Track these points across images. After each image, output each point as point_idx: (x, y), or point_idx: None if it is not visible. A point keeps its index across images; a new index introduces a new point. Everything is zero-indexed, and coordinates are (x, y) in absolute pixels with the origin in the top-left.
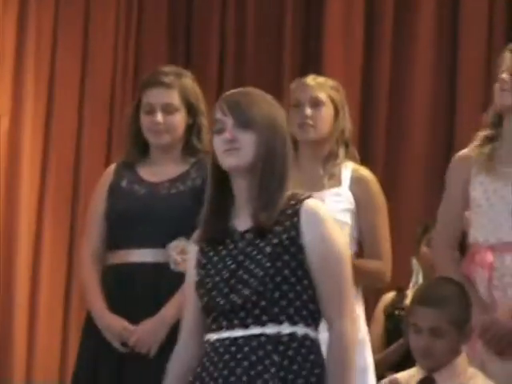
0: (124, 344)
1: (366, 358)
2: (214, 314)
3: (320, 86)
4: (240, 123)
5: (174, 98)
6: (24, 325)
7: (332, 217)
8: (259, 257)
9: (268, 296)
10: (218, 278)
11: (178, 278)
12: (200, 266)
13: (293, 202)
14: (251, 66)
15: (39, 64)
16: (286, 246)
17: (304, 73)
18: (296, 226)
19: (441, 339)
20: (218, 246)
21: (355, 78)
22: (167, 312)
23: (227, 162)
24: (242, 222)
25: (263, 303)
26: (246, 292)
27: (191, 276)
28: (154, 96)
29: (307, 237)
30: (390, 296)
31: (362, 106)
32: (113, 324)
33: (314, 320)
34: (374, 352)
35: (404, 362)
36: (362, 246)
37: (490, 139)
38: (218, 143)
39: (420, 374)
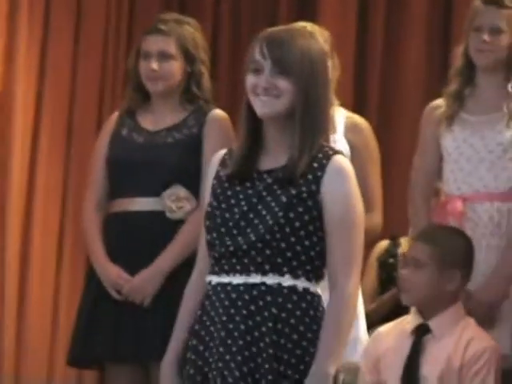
0: (120, 292)
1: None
2: (217, 254)
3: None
4: (278, 69)
5: (170, 46)
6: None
7: (355, 178)
8: (273, 204)
9: (274, 245)
10: (228, 215)
11: (174, 226)
12: (213, 195)
13: (320, 156)
14: (246, 17)
15: (32, 21)
16: (303, 198)
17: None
18: (318, 181)
19: (419, 273)
20: (234, 180)
21: (350, 29)
22: (162, 262)
23: (261, 110)
24: (267, 162)
25: (268, 252)
26: (253, 238)
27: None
28: (150, 43)
29: (327, 194)
30: (383, 244)
31: (356, 57)
32: (109, 272)
33: (316, 276)
34: (367, 300)
35: (396, 311)
36: None
37: (457, 96)
38: (253, 85)
39: (415, 321)
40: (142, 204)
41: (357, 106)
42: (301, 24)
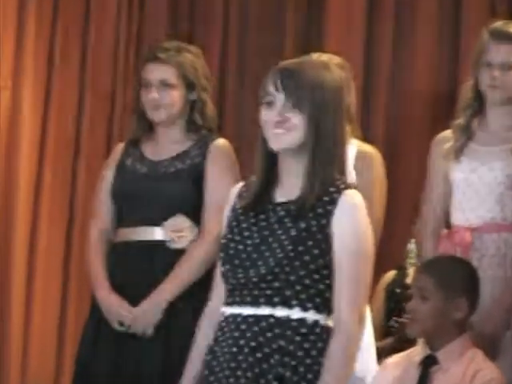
0: (122, 323)
1: (365, 336)
2: (230, 285)
3: None
4: (291, 102)
5: (170, 74)
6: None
7: (366, 210)
8: (283, 237)
9: (283, 278)
10: (241, 247)
11: (176, 256)
12: (229, 227)
13: (332, 190)
14: (253, 36)
15: (39, 38)
16: (313, 232)
17: (306, 42)
18: (328, 215)
19: (426, 303)
20: (249, 212)
21: (356, 54)
22: (163, 292)
23: (273, 143)
24: (281, 194)
25: (277, 284)
26: (263, 270)
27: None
28: (150, 71)
29: (338, 228)
30: (391, 274)
31: (362, 82)
32: (111, 303)
33: (326, 307)
34: (373, 330)
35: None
36: None
37: (466, 129)
38: (266, 120)
39: (423, 352)
40: (143, 234)
41: (362, 134)
42: (316, 55)
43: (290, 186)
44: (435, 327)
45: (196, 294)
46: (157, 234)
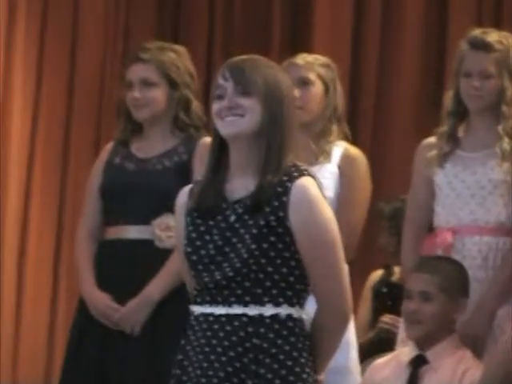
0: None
1: (348, 335)
2: (198, 287)
3: (309, 64)
4: (241, 89)
5: (151, 72)
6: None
7: (322, 196)
8: (246, 236)
9: (252, 277)
10: (203, 252)
11: (163, 255)
12: (187, 233)
13: (285, 178)
14: (240, 38)
15: (28, 45)
16: (272, 226)
17: (293, 39)
18: (284, 207)
19: (430, 304)
20: (206, 215)
21: (343, 54)
22: (151, 291)
23: (226, 130)
24: (236, 191)
25: (247, 284)
26: (230, 273)
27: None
28: (132, 72)
29: (296, 220)
30: (377, 274)
31: (350, 73)
32: (98, 301)
33: (299, 299)
34: (359, 331)
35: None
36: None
37: (450, 137)
38: (217, 110)
39: (412, 352)
40: (131, 232)
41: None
42: (303, 55)
43: (242, 181)
44: (437, 328)
45: (183, 294)
46: (145, 232)
